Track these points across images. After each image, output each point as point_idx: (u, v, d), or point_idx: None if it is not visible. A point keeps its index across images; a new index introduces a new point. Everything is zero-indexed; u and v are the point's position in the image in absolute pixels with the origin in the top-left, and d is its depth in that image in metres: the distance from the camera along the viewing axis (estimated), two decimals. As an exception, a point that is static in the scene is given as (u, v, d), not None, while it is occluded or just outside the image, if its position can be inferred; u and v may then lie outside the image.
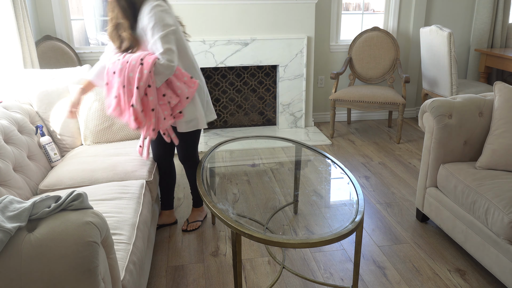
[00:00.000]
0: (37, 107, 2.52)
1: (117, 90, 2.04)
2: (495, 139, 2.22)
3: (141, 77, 1.96)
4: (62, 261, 1.15)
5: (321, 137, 4.10)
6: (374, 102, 3.85)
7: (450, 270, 2.18)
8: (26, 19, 3.07)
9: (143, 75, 1.95)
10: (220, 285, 2.08)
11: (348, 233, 1.64)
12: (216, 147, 2.51)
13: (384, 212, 2.75)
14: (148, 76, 1.95)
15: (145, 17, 1.98)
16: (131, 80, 1.98)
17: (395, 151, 3.81)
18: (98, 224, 1.24)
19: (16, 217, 1.19)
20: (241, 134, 4.22)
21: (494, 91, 2.33)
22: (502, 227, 1.86)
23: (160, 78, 2.00)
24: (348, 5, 5.00)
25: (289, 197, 2.90)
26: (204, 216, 2.62)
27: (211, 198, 1.90)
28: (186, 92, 2.09)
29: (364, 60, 4.29)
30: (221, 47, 3.94)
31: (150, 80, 1.97)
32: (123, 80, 2.00)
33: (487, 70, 4.45)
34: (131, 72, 1.97)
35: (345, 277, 2.14)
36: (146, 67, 1.95)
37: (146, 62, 1.96)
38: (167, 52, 1.96)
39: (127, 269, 1.55)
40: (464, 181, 2.14)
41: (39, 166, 2.24)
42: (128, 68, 1.98)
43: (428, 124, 2.42)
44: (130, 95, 2.01)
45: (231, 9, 3.89)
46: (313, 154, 2.51)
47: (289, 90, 4.22)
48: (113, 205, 1.85)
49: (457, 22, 4.61)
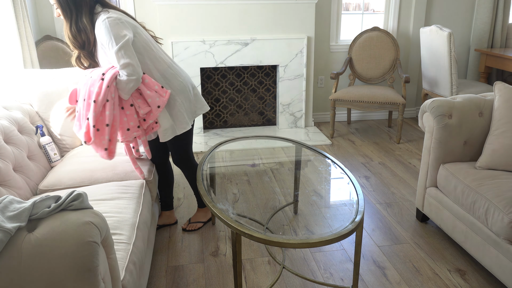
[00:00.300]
0: (37, 107, 2.52)
1: (79, 105, 2.06)
2: (495, 139, 2.22)
3: (99, 91, 1.95)
4: (62, 261, 1.15)
5: (321, 137, 4.10)
6: (374, 102, 3.85)
7: (450, 270, 2.18)
8: (26, 19, 3.06)
9: (101, 89, 1.95)
10: (220, 285, 2.08)
11: (348, 233, 1.64)
12: (216, 147, 2.51)
13: (384, 212, 2.75)
14: (106, 91, 1.95)
15: (99, 35, 1.98)
16: (91, 93, 1.98)
17: (395, 151, 3.81)
18: (98, 224, 1.24)
19: (16, 217, 1.19)
20: (241, 134, 4.22)
21: (494, 91, 2.33)
22: (502, 227, 1.86)
23: (126, 92, 2.01)
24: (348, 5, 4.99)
25: (289, 197, 2.90)
26: (208, 218, 2.60)
27: (211, 198, 1.90)
28: (157, 101, 2.07)
29: (364, 60, 4.29)
30: (221, 47, 3.94)
31: (109, 94, 1.97)
32: (84, 93, 2.01)
33: (487, 70, 4.45)
34: (92, 86, 1.98)
35: (345, 277, 2.14)
36: (106, 81, 1.95)
37: (106, 77, 1.96)
38: (125, 67, 1.95)
39: (127, 269, 1.55)
40: (464, 181, 2.14)
41: (39, 166, 2.24)
42: (91, 81, 2.00)
43: (428, 124, 2.42)
44: (88, 108, 2.00)
45: (231, 9, 3.89)
46: (313, 154, 2.51)
47: (289, 90, 4.22)
48: (113, 205, 1.85)
49: (457, 22, 4.61)
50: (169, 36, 3.85)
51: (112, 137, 2.04)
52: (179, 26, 3.84)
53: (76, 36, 2.01)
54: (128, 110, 2.06)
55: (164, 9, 3.77)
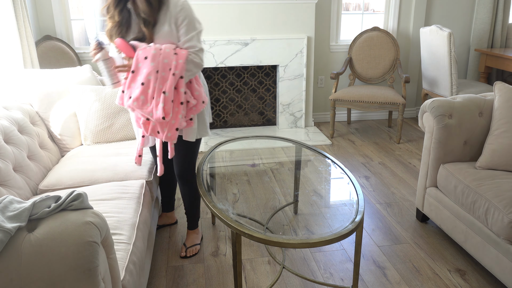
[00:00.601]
0: (37, 107, 2.52)
1: (146, 77, 1.86)
2: (495, 139, 2.22)
3: (177, 65, 1.85)
4: (62, 261, 1.15)
5: (321, 137, 4.10)
6: (374, 102, 3.85)
7: (450, 270, 2.18)
8: (26, 19, 3.06)
9: (178, 63, 1.86)
10: (220, 285, 2.08)
11: (348, 233, 1.64)
12: (216, 147, 2.51)
13: (384, 212, 2.75)
14: (183, 66, 1.86)
15: (184, 13, 1.89)
16: (165, 66, 1.85)
17: (395, 151, 3.81)
18: (98, 224, 1.24)
19: (16, 217, 1.19)
20: (241, 134, 4.22)
21: (494, 91, 2.33)
22: (502, 227, 1.86)
23: (189, 75, 1.92)
24: (348, 5, 4.99)
25: (289, 197, 2.90)
26: (200, 238, 2.42)
27: (211, 198, 1.90)
28: (203, 96, 2.00)
29: (364, 60, 4.29)
30: (221, 47, 3.94)
31: (183, 71, 1.87)
32: (157, 65, 1.85)
33: (487, 70, 4.45)
34: (166, 58, 1.85)
35: (345, 277, 2.14)
36: (181, 57, 1.86)
37: (180, 53, 1.87)
38: (200, 51, 1.93)
39: (127, 269, 1.55)
40: (464, 181, 2.14)
41: (39, 166, 2.24)
42: (163, 54, 1.86)
43: (428, 124, 2.42)
44: (162, 82, 1.86)
45: (231, 9, 3.89)
46: (313, 154, 2.51)
47: (289, 90, 4.22)
48: (113, 205, 1.85)
49: (457, 22, 4.61)
50: (169, 36, 3.85)
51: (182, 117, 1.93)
52: (179, 26, 3.84)
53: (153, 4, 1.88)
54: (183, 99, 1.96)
55: (164, 9, 3.77)
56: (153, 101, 1.87)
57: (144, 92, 1.87)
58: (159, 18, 1.91)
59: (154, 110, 1.87)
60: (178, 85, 1.88)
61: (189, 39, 1.92)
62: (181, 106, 1.90)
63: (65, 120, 2.54)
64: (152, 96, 1.87)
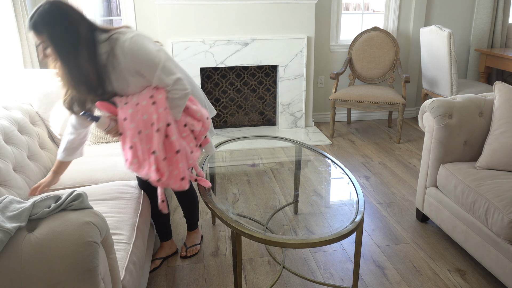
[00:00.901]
0: (37, 107, 2.52)
1: (131, 140, 1.73)
2: (495, 139, 2.22)
3: (158, 117, 1.68)
4: (62, 261, 1.15)
5: (321, 137, 4.10)
6: (374, 102, 3.85)
7: (450, 270, 2.18)
8: (26, 19, 3.07)
9: (160, 115, 1.69)
10: (220, 285, 2.08)
11: (348, 233, 1.64)
12: (216, 147, 2.51)
13: (384, 212, 2.75)
14: (165, 114, 1.70)
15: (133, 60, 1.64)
16: (147, 122, 1.69)
17: (395, 151, 3.81)
18: (98, 224, 1.24)
19: (16, 217, 1.19)
20: (241, 134, 4.22)
21: (494, 91, 2.33)
22: (502, 227, 1.86)
23: (179, 110, 1.76)
24: (348, 5, 5.00)
25: (289, 197, 2.90)
26: (200, 238, 2.39)
27: (211, 198, 1.90)
28: (205, 112, 1.88)
29: (364, 60, 4.29)
30: (221, 47, 3.94)
31: (168, 117, 1.71)
32: (138, 124, 1.70)
33: (487, 70, 4.45)
34: (145, 114, 1.69)
35: (345, 277, 2.14)
36: (161, 105, 1.69)
37: (158, 100, 1.69)
38: (177, 82, 1.70)
39: (127, 269, 1.55)
40: (464, 181, 2.14)
41: (39, 166, 2.24)
42: (141, 110, 1.69)
43: (428, 124, 2.42)
44: (148, 141, 1.71)
45: (231, 9, 3.89)
46: (313, 154, 2.51)
47: (289, 90, 4.22)
48: (113, 205, 1.85)
49: (457, 22, 4.61)
50: (169, 36, 3.85)
51: (184, 164, 1.78)
52: (179, 26, 3.84)
53: (79, 79, 1.62)
54: (184, 132, 1.81)
55: (164, 9, 3.77)
56: (146, 162, 1.74)
57: (135, 155, 1.75)
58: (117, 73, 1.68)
59: (149, 173, 1.74)
60: (169, 133, 1.73)
61: (157, 81, 1.69)
62: (178, 155, 1.75)
63: (65, 120, 2.54)
64: (143, 158, 1.74)
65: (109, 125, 1.76)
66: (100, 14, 4.15)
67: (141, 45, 1.63)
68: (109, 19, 4.22)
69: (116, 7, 4.17)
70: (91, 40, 1.61)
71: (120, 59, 1.64)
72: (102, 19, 4.17)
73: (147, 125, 1.69)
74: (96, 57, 1.63)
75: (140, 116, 1.69)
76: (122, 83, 1.72)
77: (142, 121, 1.69)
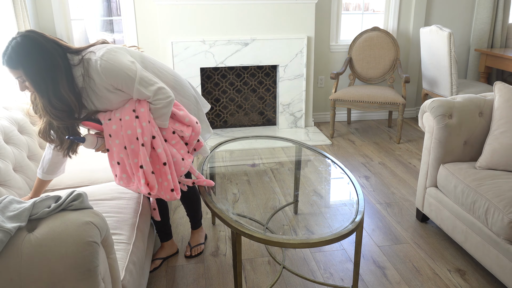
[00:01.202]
0: (37, 107, 2.51)
1: (118, 155, 1.74)
2: (495, 139, 2.22)
3: (142, 131, 1.67)
4: (62, 261, 1.15)
5: (321, 137, 4.10)
6: (374, 102, 3.85)
7: (450, 270, 2.18)
8: (26, 19, 3.07)
9: (143, 128, 1.67)
10: (220, 285, 2.08)
11: (348, 233, 1.64)
12: (216, 147, 2.51)
13: (384, 212, 2.75)
14: (149, 128, 1.69)
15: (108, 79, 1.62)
16: (131, 137, 1.68)
17: (395, 151, 3.81)
18: (98, 224, 1.24)
19: (16, 217, 1.19)
20: (241, 134, 4.22)
21: (494, 91, 2.33)
22: (502, 227, 1.86)
23: (165, 118, 1.74)
24: (348, 5, 5.00)
25: (289, 197, 2.90)
26: (204, 237, 2.39)
27: (211, 198, 1.90)
28: (193, 118, 1.85)
29: (364, 60, 4.29)
30: (221, 47, 3.94)
31: (152, 130, 1.70)
32: (122, 140, 1.70)
33: (487, 70, 4.46)
34: (129, 129, 1.68)
35: (345, 277, 2.14)
36: (144, 119, 1.67)
37: (141, 113, 1.68)
38: (156, 92, 1.68)
39: (127, 269, 1.55)
40: (464, 181, 2.14)
41: (39, 166, 2.24)
42: (124, 125, 1.68)
43: (428, 124, 2.42)
44: (135, 155, 1.70)
45: (231, 9, 3.89)
46: (313, 154, 2.51)
47: (289, 90, 4.22)
48: (113, 205, 1.85)
49: (457, 22, 4.61)
50: (169, 36, 3.85)
51: (172, 174, 1.78)
52: (179, 26, 3.84)
53: (60, 107, 1.59)
54: (174, 139, 1.80)
55: (164, 9, 3.77)
56: (134, 177, 1.75)
57: (124, 171, 1.76)
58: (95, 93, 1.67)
59: (139, 186, 1.75)
60: (155, 145, 1.72)
61: (137, 94, 1.67)
62: (166, 167, 1.74)
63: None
64: (132, 172, 1.75)
65: (97, 143, 1.77)
66: (100, 14, 4.15)
67: (114, 61, 1.60)
68: (109, 19, 4.22)
69: (116, 7, 4.17)
70: (66, 66, 1.59)
71: (96, 79, 1.62)
72: (102, 19, 4.17)
73: (132, 139, 1.69)
74: (74, 82, 1.62)
75: (124, 131, 1.68)
76: (104, 102, 1.70)
77: (126, 136, 1.68)
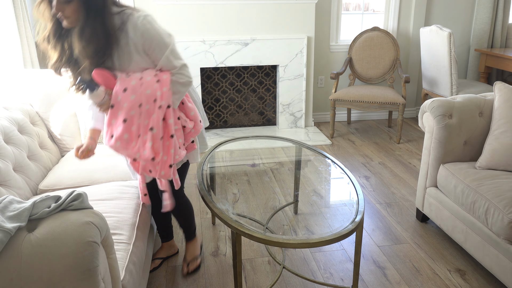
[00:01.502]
0: (37, 107, 2.52)
1: (128, 112, 1.63)
2: (495, 139, 2.22)
3: (162, 94, 1.63)
4: (62, 261, 1.15)
5: (321, 137, 4.10)
6: (374, 102, 3.85)
7: (450, 270, 2.18)
8: (26, 19, 3.07)
9: (163, 93, 1.63)
10: (220, 285, 2.08)
11: (348, 233, 1.64)
12: (216, 147, 2.51)
13: (384, 212, 2.75)
14: (168, 95, 1.64)
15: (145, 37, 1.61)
16: (149, 97, 1.62)
17: (395, 151, 3.81)
18: (98, 224, 1.24)
19: (16, 217, 1.19)
20: (241, 134, 4.22)
21: (494, 91, 2.33)
22: (502, 227, 1.86)
23: (179, 97, 1.71)
24: (348, 5, 5.00)
25: (289, 197, 2.90)
26: (200, 247, 2.26)
27: (211, 198, 1.90)
28: (198, 115, 1.81)
29: (364, 60, 4.29)
30: (221, 47, 3.94)
31: (170, 98, 1.66)
32: (139, 97, 1.62)
33: (487, 70, 4.45)
34: (148, 88, 1.62)
35: (345, 277, 2.14)
36: (165, 84, 1.64)
37: (162, 79, 1.65)
38: (183, 68, 1.69)
39: (127, 269, 1.55)
40: (464, 181, 2.14)
41: (39, 166, 2.24)
42: (145, 84, 1.63)
43: (428, 124, 2.42)
44: (147, 116, 1.64)
45: (231, 9, 3.89)
46: (313, 154, 2.51)
47: (289, 90, 4.22)
48: (113, 205, 1.85)
49: (457, 22, 4.61)
50: (169, 36, 3.84)
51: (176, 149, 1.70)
52: (179, 26, 3.84)
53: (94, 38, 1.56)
54: (177, 124, 1.73)
55: (164, 9, 3.77)
56: (139, 139, 1.65)
57: (128, 130, 1.64)
58: (121, 49, 1.64)
59: (141, 150, 1.65)
60: (166, 116, 1.67)
61: (165, 62, 1.67)
62: (171, 140, 1.68)
63: (65, 120, 2.54)
64: (137, 134, 1.65)
65: (103, 98, 1.66)
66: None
67: (154, 25, 1.63)
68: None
69: (116, 7, 4.16)
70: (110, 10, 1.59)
71: (130, 34, 1.61)
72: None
73: (149, 100, 1.63)
74: (111, 24, 1.59)
75: (143, 90, 1.63)
76: (124, 60, 1.67)
77: (144, 94, 1.63)
